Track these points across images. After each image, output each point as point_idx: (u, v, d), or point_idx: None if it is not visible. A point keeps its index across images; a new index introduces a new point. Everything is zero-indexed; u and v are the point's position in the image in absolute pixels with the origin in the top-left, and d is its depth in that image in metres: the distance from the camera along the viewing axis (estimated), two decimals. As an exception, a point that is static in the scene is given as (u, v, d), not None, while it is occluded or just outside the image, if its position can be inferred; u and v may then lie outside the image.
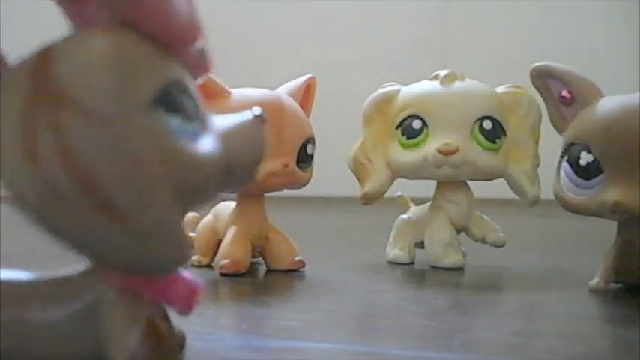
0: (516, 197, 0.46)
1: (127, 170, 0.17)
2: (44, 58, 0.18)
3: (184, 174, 0.19)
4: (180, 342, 0.24)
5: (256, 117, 0.22)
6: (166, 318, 0.23)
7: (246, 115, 0.22)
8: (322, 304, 0.35)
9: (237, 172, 0.21)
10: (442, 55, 1.12)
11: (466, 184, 0.46)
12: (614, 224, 0.38)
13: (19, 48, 0.19)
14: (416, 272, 0.46)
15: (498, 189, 0.48)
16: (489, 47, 1.10)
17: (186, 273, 0.22)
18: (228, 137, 0.21)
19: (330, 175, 1.16)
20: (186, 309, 0.21)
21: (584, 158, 0.35)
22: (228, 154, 0.21)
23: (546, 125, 0.41)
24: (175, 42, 0.19)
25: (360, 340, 0.29)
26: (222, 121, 0.22)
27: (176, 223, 0.19)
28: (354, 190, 0.48)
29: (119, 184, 0.17)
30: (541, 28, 1.09)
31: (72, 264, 0.22)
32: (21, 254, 0.45)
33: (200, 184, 0.20)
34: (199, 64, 0.21)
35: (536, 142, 0.45)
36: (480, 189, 0.47)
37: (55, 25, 0.20)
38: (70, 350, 0.21)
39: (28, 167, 0.17)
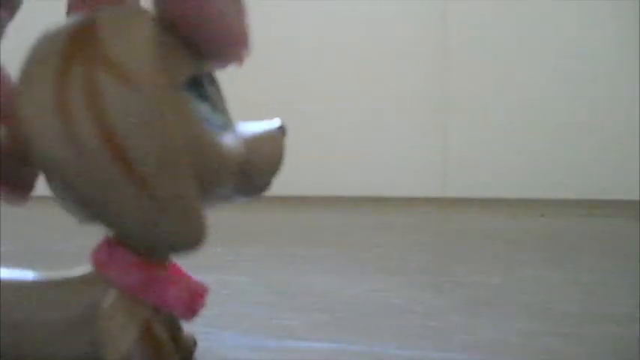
0: (516, 197, 0.46)
1: (153, 137, 0.18)
2: (87, 24, 0.18)
3: (206, 158, 0.19)
4: (189, 347, 0.24)
5: (279, 128, 0.23)
6: (174, 322, 0.23)
7: (270, 125, 0.23)
8: (322, 304, 0.35)
9: (255, 177, 0.22)
10: (442, 54, 1.12)
11: None
12: (614, 224, 0.38)
13: (20, 48, 0.19)
14: (416, 272, 0.46)
15: (499, 189, 0.48)
16: (489, 47, 1.10)
17: (190, 277, 0.22)
18: (250, 141, 0.22)
19: (331, 175, 1.16)
20: (187, 313, 0.21)
21: None
22: (248, 156, 0.21)
23: (545, 125, 0.41)
24: (222, 51, 0.20)
25: (360, 340, 0.29)
26: (246, 127, 0.22)
27: (194, 201, 0.19)
28: (355, 190, 0.48)
29: (144, 149, 0.18)
30: (541, 28, 1.09)
31: (72, 264, 0.22)
32: (21, 253, 0.45)
33: (218, 172, 0.20)
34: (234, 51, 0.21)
35: None
36: (480, 189, 0.47)
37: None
38: (68, 351, 0.21)
39: (57, 120, 0.17)
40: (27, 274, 0.22)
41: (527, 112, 1.08)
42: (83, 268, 0.21)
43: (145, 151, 0.18)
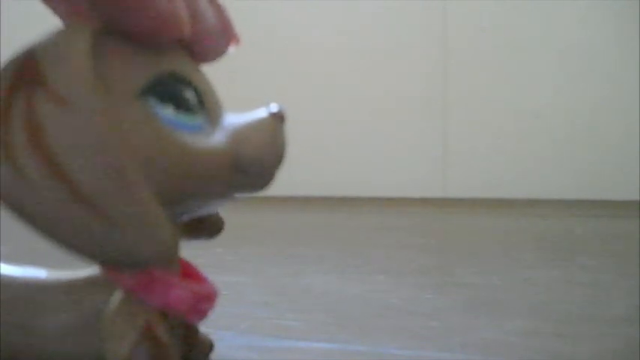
0: (516, 197, 0.46)
1: (96, 158, 0.17)
2: (28, 50, 0.18)
3: (173, 164, 0.19)
4: (205, 348, 0.24)
5: (273, 114, 0.22)
6: (189, 324, 0.23)
7: (261, 112, 0.22)
8: (322, 304, 0.35)
9: (250, 171, 0.21)
10: (442, 54, 1.12)
11: None
12: (614, 224, 0.38)
13: (19, 48, 0.19)
14: (416, 272, 0.46)
15: (499, 189, 0.48)
16: (489, 48, 1.10)
17: (200, 279, 0.22)
18: (237, 134, 0.21)
19: (330, 176, 1.16)
20: (191, 315, 0.21)
21: None
22: (235, 151, 0.20)
23: (545, 125, 0.41)
24: (155, 36, 0.19)
25: (360, 340, 0.29)
26: (235, 118, 0.21)
27: (154, 214, 0.18)
28: (354, 190, 0.48)
29: (88, 171, 0.17)
30: (541, 29, 1.09)
31: (74, 265, 0.22)
32: (21, 253, 0.45)
33: (193, 175, 0.19)
34: (226, 37, 0.21)
35: None
36: (480, 189, 0.47)
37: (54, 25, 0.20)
38: (73, 352, 0.21)
39: (2, 160, 0.17)
40: (31, 274, 0.22)
41: (528, 113, 1.08)
42: (88, 270, 0.21)
43: (90, 173, 0.17)
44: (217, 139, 0.20)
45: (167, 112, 0.19)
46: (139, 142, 0.18)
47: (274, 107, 0.22)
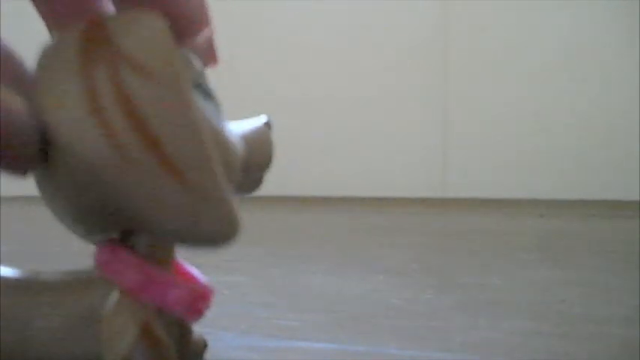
0: (517, 197, 0.46)
1: (185, 129, 0.18)
2: (96, 26, 0.18)
3: (225, 153, 0.20)
4: (199, 348, 0.24)
5: (266, 124, 0.24)
6: (183, 324, 0.23)
7: (258, 121, 0.24)
8: (322, 304, 0.35)
9: (252, 173, 0.23)
10: (442, 55, 1.12)
11: None
12: (614, 224, 0.38)
13: (19, 48, 0.19)
14: (416, 272, 0.46)
15: (499, 189, 0.48)
16: (490, 48, 1.10)
17: (196, 278, 0.22)
18: (247, 139, 0.22)
19: (331, 175, 1.16)
20: (189, 314, 0.21)
21: None
22: (247, 153, 0.22)
23: (545, 125, 0.41)
24: (184, 27, 0.20)
25: (360, 340, 0.29)
26: (237, 125, 0.23)
27: (229, 192, 0.19)
28: (354, 190, 0.48)
29: (179, 141, 0.18)
30: (541, 29, 1.09)
31: (72, 264, 0.22)
32: (21, 253, 0.45)
33: (234, 169, 0.20)
34: (207, 55, 0.22)
35: None
36: (480, 189, 0.47)
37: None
38: (70, 352, 0.21)
39: (93, 124, 0.17)
40: (28, 274, 0.22)
41: (528, 113, 1.08)
42: (85, 269, 0.21)
43: (181, 143, 0.18)
44: (237, 140, 0.21)
45: (211, 105, 0.20)
46: (207, 125, 0.19)
47: (265, 117, 0.25)
